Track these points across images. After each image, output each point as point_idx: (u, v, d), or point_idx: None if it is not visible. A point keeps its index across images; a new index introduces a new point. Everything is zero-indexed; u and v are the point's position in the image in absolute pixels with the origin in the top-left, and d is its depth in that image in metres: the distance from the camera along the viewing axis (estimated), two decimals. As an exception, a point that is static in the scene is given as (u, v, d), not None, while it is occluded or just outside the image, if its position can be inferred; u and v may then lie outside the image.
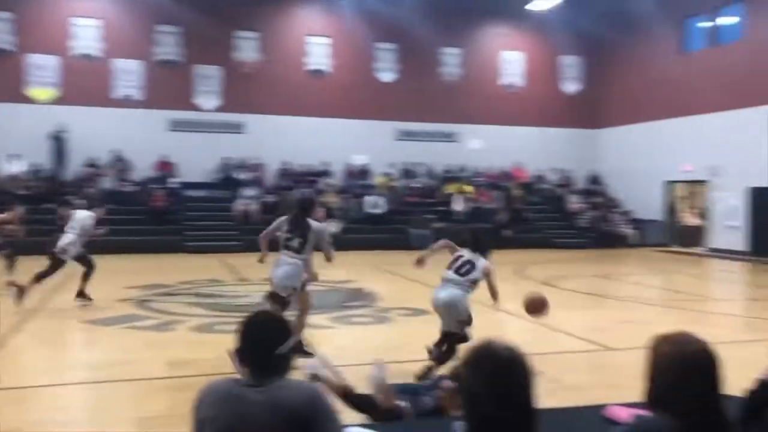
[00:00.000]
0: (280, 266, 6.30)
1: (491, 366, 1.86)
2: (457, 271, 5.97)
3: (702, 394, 1.98)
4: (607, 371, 6.31)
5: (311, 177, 21.53)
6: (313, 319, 7.99)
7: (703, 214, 21.22)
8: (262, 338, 2.32)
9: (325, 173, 21.79)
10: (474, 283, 6.00)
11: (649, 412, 2.06)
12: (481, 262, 6.05)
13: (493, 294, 6.11)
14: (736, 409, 2.34)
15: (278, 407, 2.19)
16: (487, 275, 6.03)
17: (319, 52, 22.44)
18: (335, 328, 8.20)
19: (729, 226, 18.82)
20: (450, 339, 5.88)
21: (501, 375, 1.83)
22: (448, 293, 5.89)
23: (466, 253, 6.10)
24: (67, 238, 9.57)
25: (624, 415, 2.69)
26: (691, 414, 1.95)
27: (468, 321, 5.91)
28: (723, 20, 20.21)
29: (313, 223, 6.43)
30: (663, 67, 21.37)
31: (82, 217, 9.86)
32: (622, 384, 5.63)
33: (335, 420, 2.29)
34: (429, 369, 5.73)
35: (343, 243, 18.84)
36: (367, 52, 22.80)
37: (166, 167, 20.43)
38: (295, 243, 6.29)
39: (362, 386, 4.99)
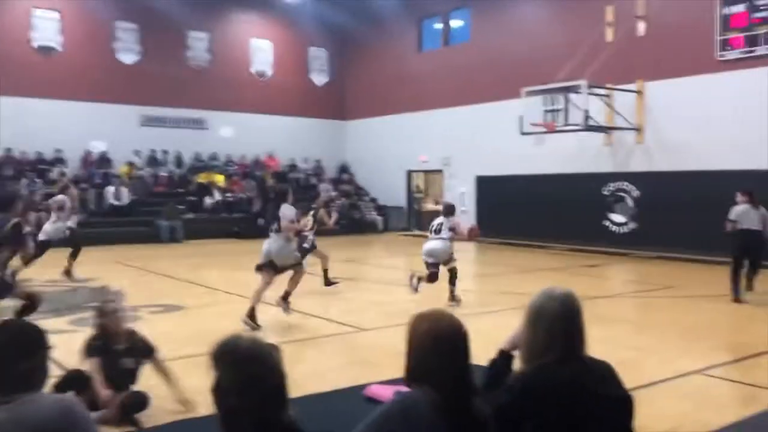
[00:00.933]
0: (272, 243, 7.83)
1: (233, 359, 1.86)
2: (434, 231, 9.17)
3: (455, 365, 2.13)
4: (363, 352, 6.58)
5: (41, 166, 19.39)
6: (50, 323, 7.20)
7: (438, 201, 23.24)
8: (5, 351, 2.09)
9: (58, 161, 19.77)
10: (450, 232, 9.12)
11: (408, 388, 2.17)
12: (447, 220, 9.19)
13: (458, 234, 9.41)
14: (480, 377, 2.56)
15: (24, 424, 1.98)
16: (455, 226, 9.30)
17: (46, 27, 20.18)
18: (77, 332, 7.43)
19: (460, 210, 20.82)
20: (452, 271, 9.10)
21: (243, 367, 1.84)
22: (432, 243, 9.10)
23: (438, 219, 9.30)
24: (54, 223, 10.91)
25: (385, 393, 2.80)
26: (446, 385, 2.09)
27: (452, 257, 9.16)
28: (454, 23, 22.23)
29: (281, 208, 7.91)
30: (403, 64, 22.90)
31: (61, 200, 11.03)
32: (379, 363, 5.93)
33: None
34: (451, 292, 9.08)
35: (82, 238, 17.28)
36: (105, 31, 21.07)
37: None
38: (275, 225, 7.79)
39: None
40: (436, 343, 2.13)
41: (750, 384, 5.43)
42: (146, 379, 4.73)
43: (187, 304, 9.12)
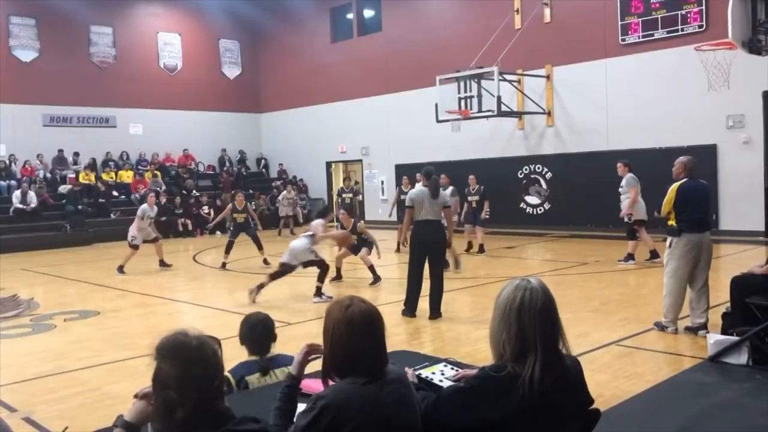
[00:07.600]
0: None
1: (181, 357, 1.84)
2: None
3: (373, 347, 2.11)
4: (290, 345, 6.53)
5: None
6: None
7: (358, 191, 23.26)
8: None
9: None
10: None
11: (330, 378, 2.17)
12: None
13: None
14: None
15: None
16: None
17: (-67, 23, 18.90)
18: (-15, 345, 7.06)
19: (381, 199, 20.98)
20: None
21: (188, 366, 1.83)
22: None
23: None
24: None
25: (318, 387, 2.79)
26: (366, 367, 2.09)
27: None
28: (366, 13, 22.22)
29: None
30: (317, 55, 22.73)
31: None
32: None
33: None
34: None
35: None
36: (-1, 26, 19.94)
37: None
38: None
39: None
40: (353, 326, 2.09)
41: (661, 351, 5.74)
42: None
43: (103, 309, 8.80)
